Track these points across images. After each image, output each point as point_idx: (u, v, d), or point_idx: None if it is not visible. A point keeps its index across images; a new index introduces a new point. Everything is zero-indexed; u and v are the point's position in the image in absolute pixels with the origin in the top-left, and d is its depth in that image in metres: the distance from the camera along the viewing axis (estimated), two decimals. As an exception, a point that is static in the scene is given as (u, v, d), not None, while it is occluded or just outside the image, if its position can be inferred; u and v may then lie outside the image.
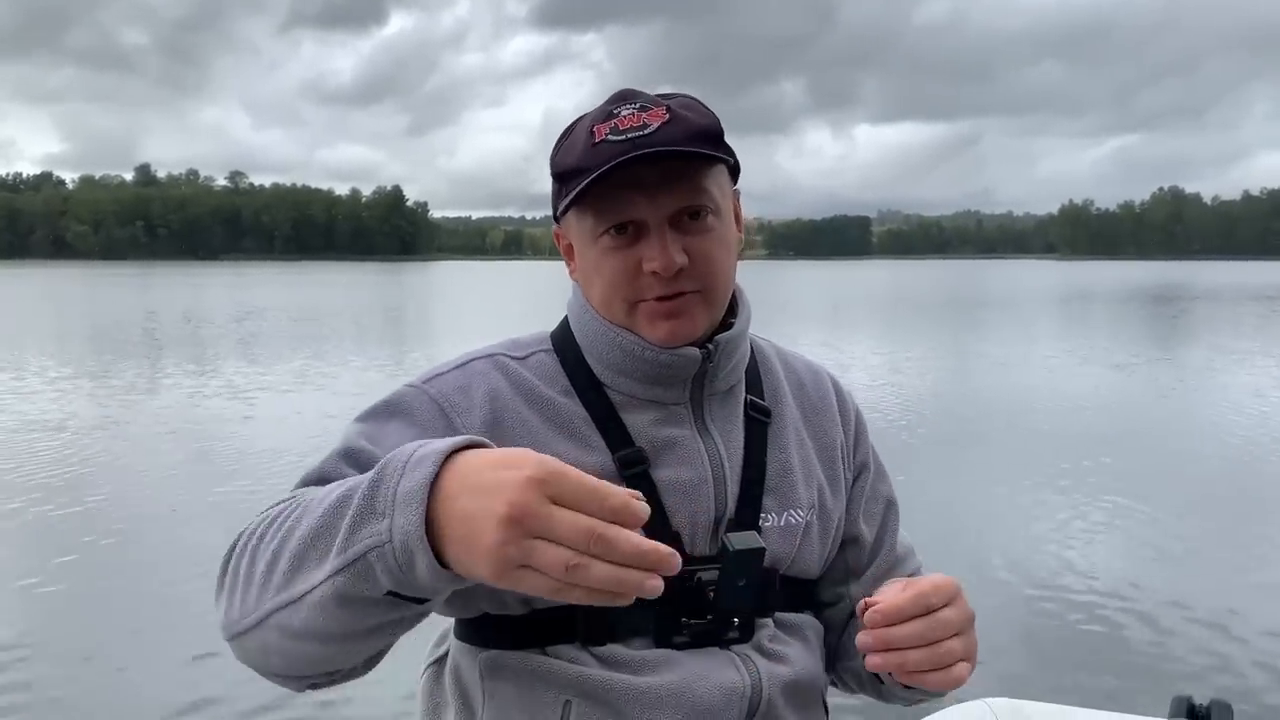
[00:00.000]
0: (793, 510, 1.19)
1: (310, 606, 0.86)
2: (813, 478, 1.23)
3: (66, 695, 4.21)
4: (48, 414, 11.22)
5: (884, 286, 59.54)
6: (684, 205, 1.10)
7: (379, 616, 0.87)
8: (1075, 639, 4.73)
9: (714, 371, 1.17)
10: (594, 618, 1.09)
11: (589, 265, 1.15)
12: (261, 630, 0.91)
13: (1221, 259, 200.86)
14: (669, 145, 1.06)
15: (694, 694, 1.08)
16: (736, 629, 1.12)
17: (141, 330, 24.27)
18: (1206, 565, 5.89)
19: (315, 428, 10.36)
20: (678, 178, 1.09)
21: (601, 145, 1.08)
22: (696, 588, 1.10)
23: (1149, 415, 11.60)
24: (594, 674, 1.08)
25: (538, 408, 1.14)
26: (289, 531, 0.89)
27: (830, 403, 1.30)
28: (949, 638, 1.01)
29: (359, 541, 0.82)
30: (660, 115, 1.08)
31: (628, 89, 1.15)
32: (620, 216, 1.10)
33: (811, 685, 1.19)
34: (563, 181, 1.13)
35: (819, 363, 1.36)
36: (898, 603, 1.00)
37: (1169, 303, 38.35)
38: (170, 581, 5.50)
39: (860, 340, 21.36)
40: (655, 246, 1.09)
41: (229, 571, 0.96)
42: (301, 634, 0.89)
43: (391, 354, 18.48)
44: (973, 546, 6.16)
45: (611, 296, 1.14)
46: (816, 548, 1.22)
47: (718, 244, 1.13)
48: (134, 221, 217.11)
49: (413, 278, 79.23)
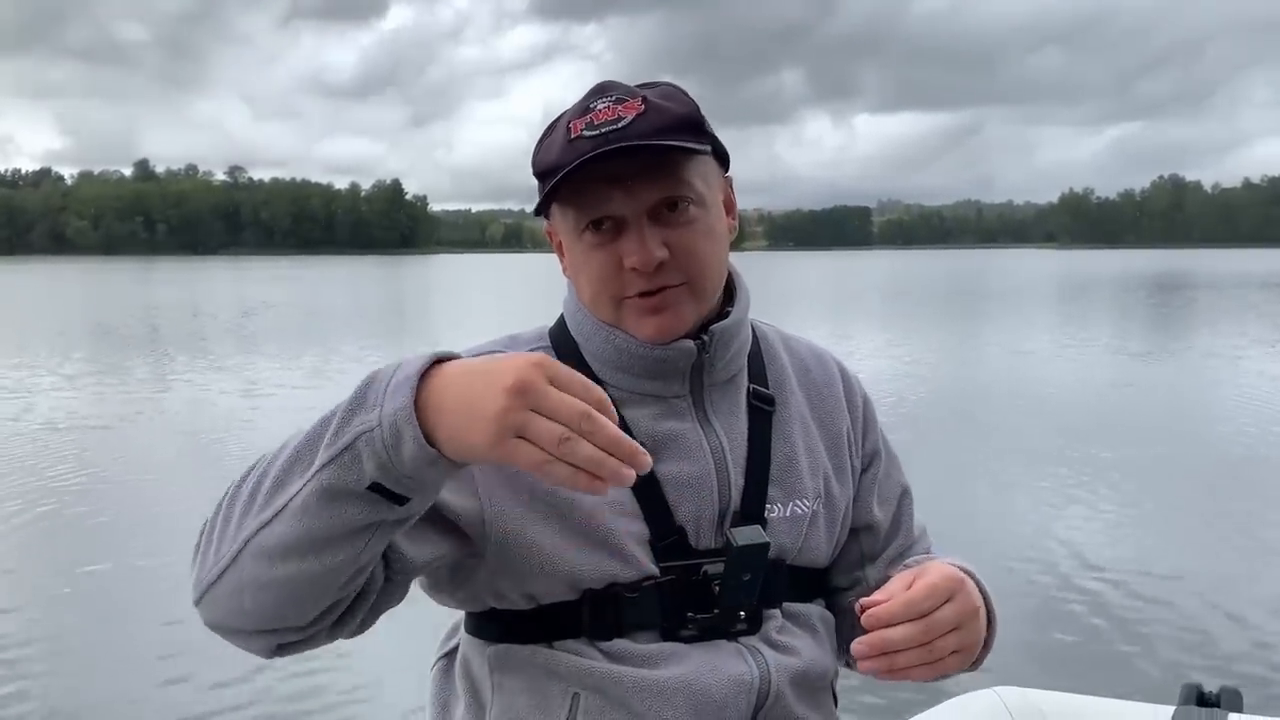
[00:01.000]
0: (798, 500, 1.18)
1: (289, 515, 0.89)
2: (819, 466, 1.22)
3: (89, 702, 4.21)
4: (59, 411, 11.20)
5: (885, 277, 59.45)
6: (662, 198, 1.09)
7: (357, 516, 0.88)
8: (1084, 627, 4.72)
9: (711, 362, 1.16)
10: (601, 612, 1.09)
11: (576, 262, 1.15)
12: (235, 567, 0.92)
13: (1222, 247, 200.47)
14: (642, 138, 1.05)
15: (702, 686, 1.08)
16: (744, 621, 1.12)
17: (151, 327, 24.25)
18: (1215, 553, 5.87)
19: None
20: (654, 170, 1.08)
21: (577, 141, 1.07)
22: (702, 582, 1.10)
23: (1155, 404, 11.57)
24: (602, 667, 1.08)
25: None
26: (268, 464, 0.93)
27: (837, 389, 1.28)
28: (944, 635, 1.01)
29: (347, 433, 0.86)
30: (635, 107, 1.07)
31: (607, 81, 1.14)
32: (598, 212, 1.09)
33: (820, 675, 1.18)
34: (542, 179, 1.12)
35: (825, 347, 1.33)
36: (892, 610, 1.00)
37: (1172, 291, 38.29)
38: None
39: (862, 331, 21.33)
40: (634, 241, 1.08)
41: (201, 535, 0.98)
42: (277, 551, 0.90)
43: (403, 347, 18.46)
44: (980, 536, 6.14)
45: (597, 294, 1.13)
46: (824, 537, 1.21)
47: (701, 235, 1.11)
48: (133, 217, 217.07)
49: (413, 271, 79.18)
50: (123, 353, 17.59)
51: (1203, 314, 26.80)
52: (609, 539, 1.09)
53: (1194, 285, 43.09)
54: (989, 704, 1.71)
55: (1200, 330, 21.48)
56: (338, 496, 0.87)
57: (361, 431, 0.85)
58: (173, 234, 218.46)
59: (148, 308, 31.34)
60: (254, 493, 0.92)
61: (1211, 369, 14.50)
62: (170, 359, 16.62)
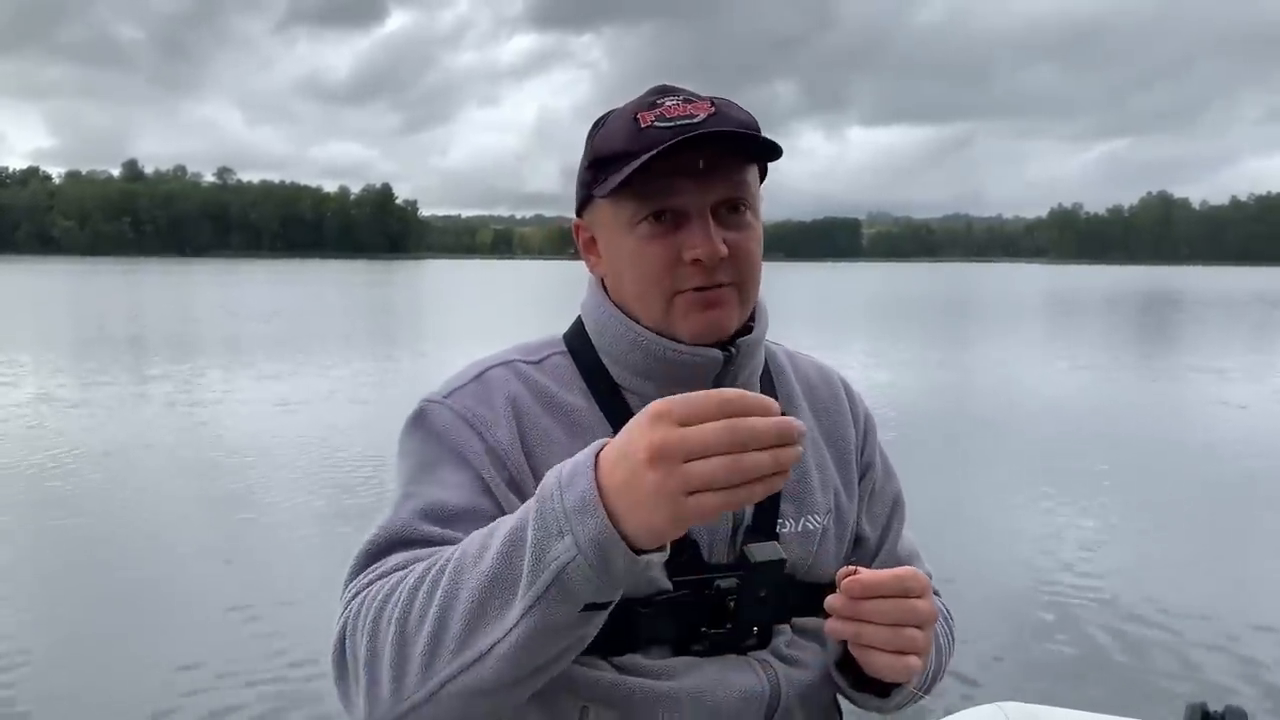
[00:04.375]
0: (810, 516, 1.18)
1: (501, 658, 0.87)
2: (829, 482, 1.22)
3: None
4: (63, 416, 11.09)
5: (876, 292, 59.57)
6: (728, 196, 1.08)
7: (569, 637, 0.89)
8: (1088, 644, 4.68)
9: (733, 375, 1.15)
10: (614, 627, 1.04)
11: (622, 255, 1.12)
12: (433, 704, 0.91)
13: (1209, 264, 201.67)
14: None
15: (713, 697, 1.08)
16: (754, 636, 1.12)
17: (154, 331, 24.11)
18: (1220, 571, 5.85)
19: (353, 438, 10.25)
20: (725, 168, 1.08)
21: (649, 130, 1.06)
22: (715, 596, 1.09)
23: (1153, 421, 11.57)
24: (612, 679, 1.07)
25: (556, 413, 1.12)
26: (447, 595, 0.89)
27: (842, 404, 1.29)
28: (913, 626, 1.01)
29: (547, 568, 0.84)
30: (706, 108, 1.08)
31: (667, 84, 1.13)
32: (664, 203, 1.07)
33: (828, 688, 1.18)
34: (602, 168, 1.10)
35: (828, 364, 1.34)
36: (878, 578, 1.01)
37: (1165, 308, 38.46)
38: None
39: (854, 345, 21.34)
40: (699, 234, 1.07)
41: (353, 659, 0.94)
42: (493, 688, 0.90)
43: (418, 353, 18.39)
44: (982, 552, 6.13)
45: (648, 288, 1.11)
46: (833, 552, 1.21)
47: (754, 241, 1.12)
48: (120, 217, 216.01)
49: (402, 276, 78.99)
50: (120, 355, 17.46)
51: (1194, 330, 26.92)
52: None
53: (1183, 301, 43.31)
54: (993, 719, 1.68)
55: (1191, 346, 21.56)
56: (554, 630, 0.87)
57: (565, 563, 0.83)
58: (160, 235, 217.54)
59: (134, 310, 31.15)
60: (438, 633, 0.89)
61: (1206, 385, 14.54)
62: (180, 364, 16.49)
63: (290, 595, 5.25)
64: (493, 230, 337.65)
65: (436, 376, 1.18)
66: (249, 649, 4.56)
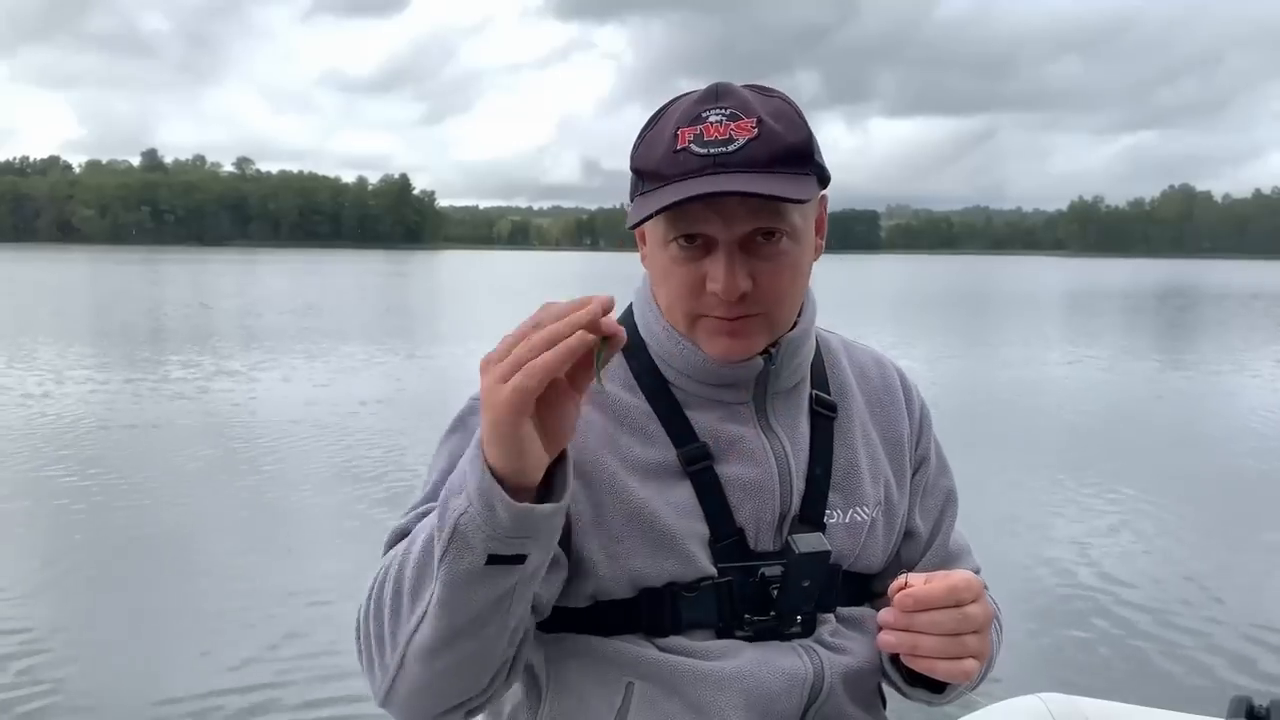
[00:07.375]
0: (858, 507, 1.18)
1: (432, 616, 0.93)
2: (879, 473, 1.22)
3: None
4: (90, 405, 11.13)
5: (896, 283, 59.34)
6: (758, 227, 1.07)
7: (489, 591, 0.92)
8: (1131, 637, 4.64)
9: (777, 372, 1.16)
10: (658, 610, 1.10)
11: (656, 267, 1.14)
12: (404, 673, 0.98)
13: (1231, 258, 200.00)
14: (751, 167, 1.03)
15: (756, 678, 1.09)
16: (798, 625, 1.13)
17: (182, 319, 24.23)
18: (1260, 564, 5.81)
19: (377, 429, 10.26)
20: (755, 202, 1.05)
21: (683, 154, 1.05)
22: (759, 584, 1.10)
23: (1185, 413, 11.48)
24: (657, 656, 1.09)
25: (601, 402, 1.13)
26: (400, 568, 0.97)
27: (897, 396, 1.28)
28: (969, 633, 1.02)
29: (448, 522, 0.90)
30: (748, 130, 1.04)
31: (723, 84, 1.08)
32: (691, 229, 1.07)
33: (871, 676, 1.19)
34: (640, 177, 1.10)
35: (884, 354, 1.33)
36: (931, 591, 1.01)
37: (1184, 301, 38.14)
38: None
39: (874, 339, 21.26)
40: (721, 268, 1.06)
41: (359, 641, 1.02)
42: (436, 647, 0.95)
43: (400, 346, 18.42)
44: (1012, 544, 6.08)
45: (674, 305, 1.13)
46: (881, 544, 1.21)
47: (787, 269, 1.10)
48: (140, 206, 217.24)
49: (420, 267, 79.13)
50: (149, 346, 17.53)
51: (1217, 326, 26.68)
52: (670, 539, 1.10)
53: (1202, 296, 42.92)
54: (1034, 710, 1.64)
55: (1217, 341, 21.37)
56: (464, 583, 0.90)
57: (458, 515, 0.88)
58: (179, 224, 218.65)
59: (156, 301, 31.29)
60: (395, 603, 0.96)
61: (1232, 380, 14.41)
62: (202, 352, 16.56)
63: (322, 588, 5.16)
64: (510, 221, 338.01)
65: (460, 367, 1.25)
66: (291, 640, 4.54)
